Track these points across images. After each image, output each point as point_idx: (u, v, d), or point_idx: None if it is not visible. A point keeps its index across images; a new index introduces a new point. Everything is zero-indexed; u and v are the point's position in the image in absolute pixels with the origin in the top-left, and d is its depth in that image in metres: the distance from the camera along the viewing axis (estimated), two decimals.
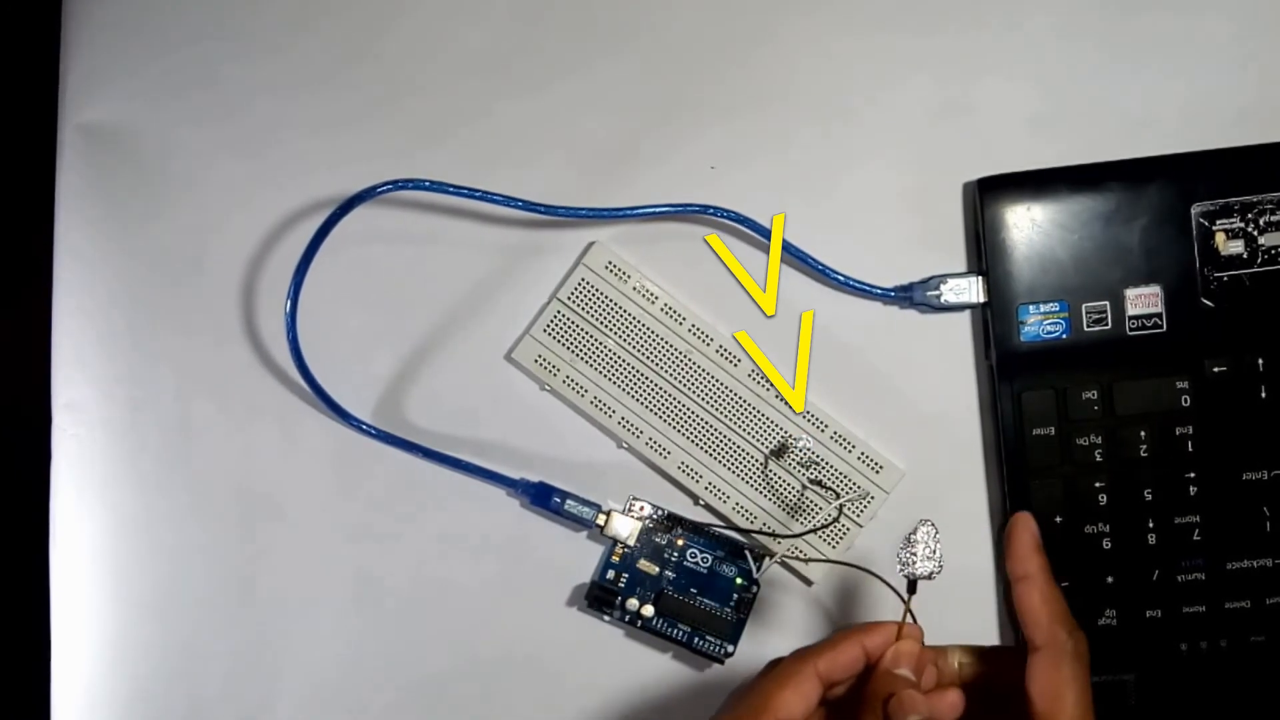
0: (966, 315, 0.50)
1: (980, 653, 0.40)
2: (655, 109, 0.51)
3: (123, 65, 0.51)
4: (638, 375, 0.49)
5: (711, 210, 0.49)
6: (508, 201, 0.48)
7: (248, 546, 0.50)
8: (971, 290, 0.49)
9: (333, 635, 0.50)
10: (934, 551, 0.39)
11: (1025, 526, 0.39)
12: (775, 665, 0.39)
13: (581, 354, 0.49)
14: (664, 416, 0.49)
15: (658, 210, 0.49)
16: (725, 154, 0.51)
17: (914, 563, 0.39)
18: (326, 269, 0.47)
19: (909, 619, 0.39)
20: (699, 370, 0.49)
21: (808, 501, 0.49)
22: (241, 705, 0.50)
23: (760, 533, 0.49)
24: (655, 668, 0.50)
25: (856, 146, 0.50)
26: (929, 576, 0.39)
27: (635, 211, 0.49)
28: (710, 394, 0.49)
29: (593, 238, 0.50)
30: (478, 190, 0.48)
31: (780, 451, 0.49)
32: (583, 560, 0.50)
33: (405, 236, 0.51)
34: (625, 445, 0.50)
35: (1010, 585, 0.38)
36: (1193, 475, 0.47)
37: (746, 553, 0.49)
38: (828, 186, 0.50)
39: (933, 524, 0.39)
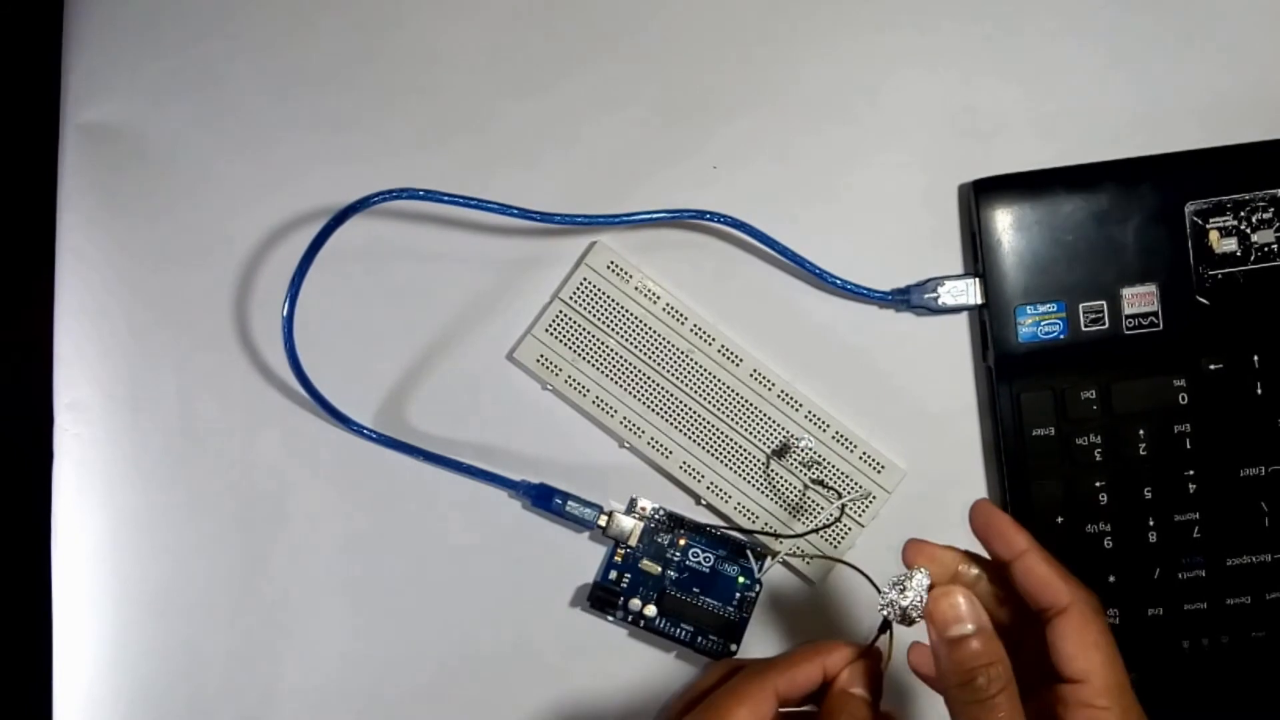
0: (964, 317, 0.50)
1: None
2: (659, 109, 0.51)
3: (124, 65, 0.51)
4: (639, 375, 0.49)
5: (708, 216, 0.49)
6: (503, 209, 0.48)
7: (249, 547, 0.50)
8: (969, 292, 0.49)
9: (334, 636, 0.50)
10: (921, 599, 0.37)
11: (992, 510, 0.38)
12: (730, 676, 0.39)
13: (583, 354, 0.49)
14: (666, 416, 0.49)
15: (653, 217, 0.49)
16: (728, 154, 0.51)
17: (897, 606, 0.37)
18: (328, 270, 0.47)
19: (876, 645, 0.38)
20: (701, 370, 0.49)
21: (809, 501, 0.49)
22: (241, 705, 0.49)
23: (762, 533, 0.49)
24: (658, 667, 0.50)
25: (858, 147, 0.51)
26: (904, 623, 0.38)
27: (630, 218, 0.49)
28: (712, 394, 0.49)
29: (594, 238, 0.50)
30: (472, 199, 0.47)
31: (782, 451, 0.49)
32: (585, 561, 0.50)
33: (408, 237, 0.51)
34: (627, 445, 0.50)
35: (1005, 569, 0.37)
36: (1191, 473, 0.48)
37: (748, 552, 0.49)
38: (829, 186, 0.50)
39: (927, 574, 0.37)
